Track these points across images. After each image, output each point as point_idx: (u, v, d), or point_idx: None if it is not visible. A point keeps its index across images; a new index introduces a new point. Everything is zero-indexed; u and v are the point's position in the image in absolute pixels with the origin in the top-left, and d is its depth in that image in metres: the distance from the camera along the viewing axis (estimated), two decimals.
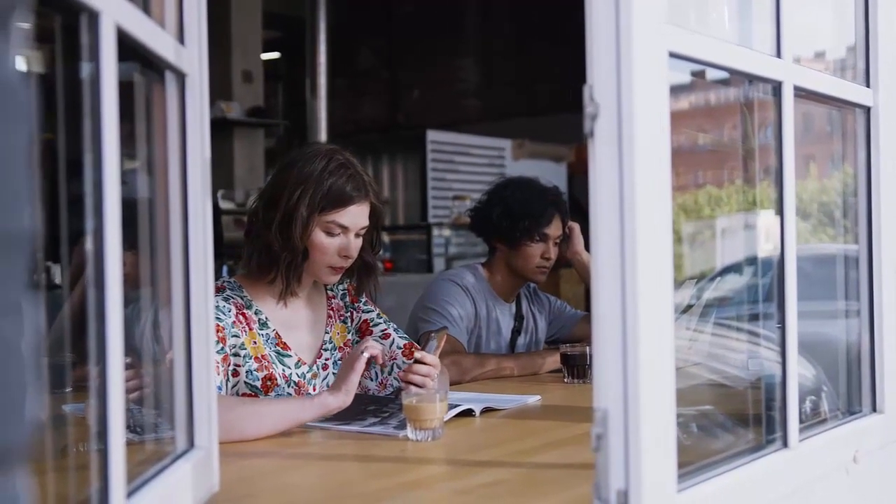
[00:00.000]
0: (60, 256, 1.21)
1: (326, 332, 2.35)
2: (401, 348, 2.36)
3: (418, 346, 2.36)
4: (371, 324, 2.41)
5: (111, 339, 1.00)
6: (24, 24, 0.59)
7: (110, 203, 1.00)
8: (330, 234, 2.20)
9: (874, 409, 1.81)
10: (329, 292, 2.41)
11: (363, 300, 2.44)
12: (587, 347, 2.68)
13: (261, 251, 2.21)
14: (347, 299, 2.42)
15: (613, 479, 1.17)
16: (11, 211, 0.55)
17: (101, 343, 1.00)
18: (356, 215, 2.22)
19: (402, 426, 1.92)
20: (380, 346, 2.04)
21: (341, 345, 2.37)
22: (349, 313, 2.42)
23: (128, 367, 1.39)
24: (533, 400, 2.37)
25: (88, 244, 1.00)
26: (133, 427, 1.38)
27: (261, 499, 1.54)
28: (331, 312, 2.38)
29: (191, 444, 1.37)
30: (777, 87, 1.51)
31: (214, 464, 1.42)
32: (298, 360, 2.25)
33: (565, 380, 2.68)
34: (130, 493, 1.09)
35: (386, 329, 2.41)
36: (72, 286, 1.80)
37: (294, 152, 2.28)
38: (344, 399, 1.95)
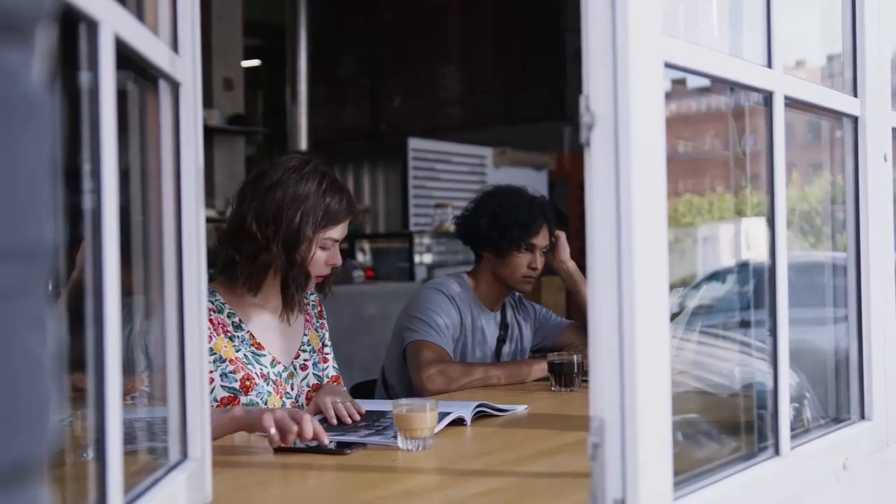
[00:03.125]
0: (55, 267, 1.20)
1: (305, 335, 2.43)
2: (328, 378, 2.45)
3: (340, 381, 2.51)
4: (324, 343, 2.52)
5: (109, 349, 1.00)
6: (47, 37, 0.59)
7: (108, 211, 1.00)
8: (323, 248, 2.30)
9: (862, 417, 1.82)
10: (303, 299, 2.48)
11: (324, 318, 2.54)
12: (574, 356, 2.68)
13: (262, 268, 2.26)
14: (316, 311, 2.52)
15: (610, 488, 1.17)
16: (36, 224, 0.55)
17: (98, 353, 0.99)
18: (345, 228, 2.34)
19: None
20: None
21: (317, 348, 2.46)
22: (319, 323, 2.51)
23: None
24: (521, 409, 2.37)
25: (87, 254, 0.99)
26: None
27: None
28: (307, 318, 2.46)
29: (184, 455, 1.36)
30: (768, 97, 1.52)
31: (208, 475, 1.41)
32: (273, 360, 2.31)
33: (552, 388, 2.68)
34: None
35: (328, 354, 2.52)
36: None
37: (275, 169, 2.29)
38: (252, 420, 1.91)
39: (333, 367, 2.52)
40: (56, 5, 0.63)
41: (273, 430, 1.82)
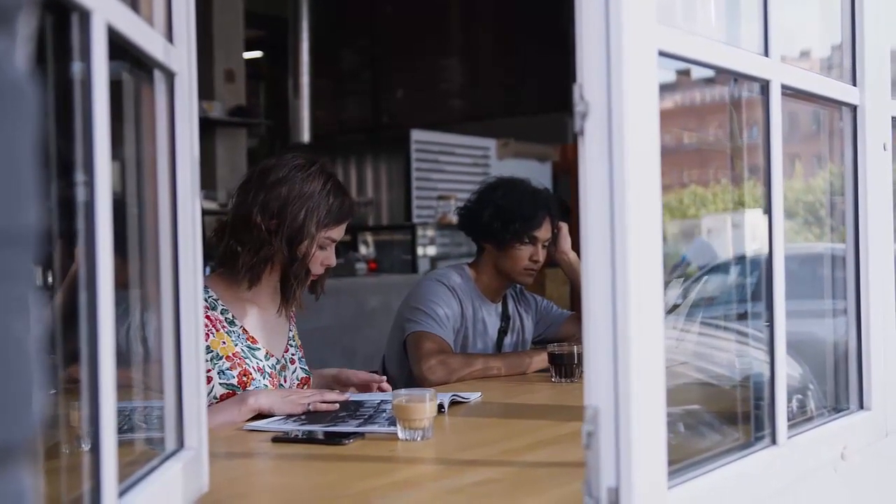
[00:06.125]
0: (49, 258, 1.20)
1: (290, 330, 2.48)
2: (298, 380, 2.46)
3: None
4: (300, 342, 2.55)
5: (102, 339, 1.00)
6: (29, 23, 0.59)
7: (101, 203, 1.00)
8: (321, 247, 2.33)
9: (861, 407, 1.82)
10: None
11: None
12: (574, 347, 2.68)
13: (263, 261, 2.28)
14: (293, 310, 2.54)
15: (604, 476, 1.17)
16: (19, 209, 0.56)
17: (92, 344, 1.00)
18: (343, 230, 2.37)
19: (393, 422, 1.91)
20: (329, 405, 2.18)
21: (300, 345, 2.51)
22: (296, 322, 2.55)
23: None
24: (475, 397, 2.37)
25: (80, 246, 0.99)
26: (121, 427, 1.37)
27: (250, 499, 1.54)
28: (292, 315, 2.50)
29: (180, 444, 1.36)
30: (765, 86, 1.52)
31: (204, 464, 1.41)
32: (267, 353, 2.34)
33: (553, 379, 2.68)
34: (121, 494, 1.09)
35: (299, 354, 2.52)
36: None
37: (281, 167, 2.32)
38: (272, 402, 2.12)
39: (302, 368, 2.52)
40: None
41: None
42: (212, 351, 2.22)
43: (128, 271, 1.35)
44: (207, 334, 2.22)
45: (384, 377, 2.49)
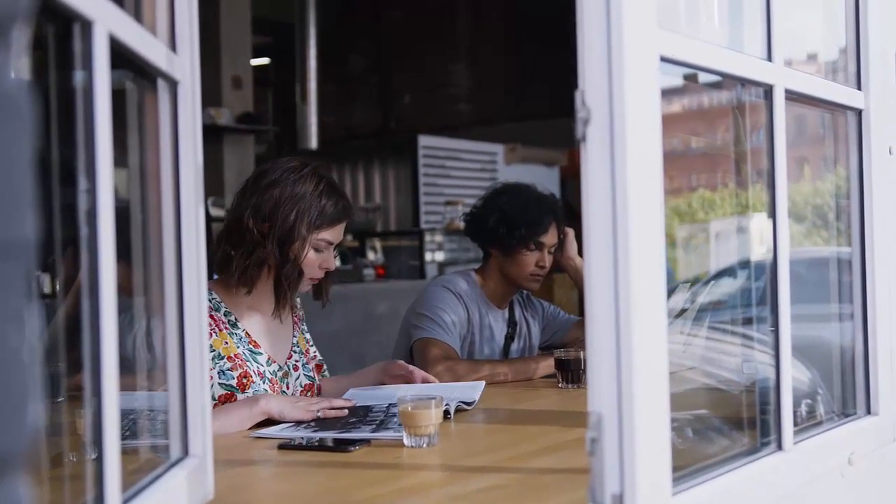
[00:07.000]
0: (52, 266, 1.21)
1: (294, 336, 2.47)
2: (302, 387, 2.46)
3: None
4: (309, 343, 2.55)
5: (106, 347, 1.00)
6: (25, 34, 0.59)
7: (104, 211, 1.00)
8: (317, 250, 2.33)
9: (868, 412, 1.82)
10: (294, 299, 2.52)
11: (304, 322, 2.58)
12: (581, 352, 2.67)
13: (256, 264, 2.29)
14: (302, 315, 2.56)
15: (608, 482, 1.17)
16: (14, 219, 0.56)
17: (95, 352, 1.00)
18: (341, 232, 2.37)
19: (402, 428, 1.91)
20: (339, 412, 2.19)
21: (305, 350, 2.50)
22: (304, 326, 2.56)
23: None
24: (480, 388, 2.41)
25: (83, 254, 0.99)
26: (125, 434, 1.37)
27: None
28: (296, 320, 2.51)
29: (185, 452, 1.36)
30: (769, 91, 1.51)
31: (209, 472, 1.41)
32: (269, 358, 2.35)
33: (559, 385, 2.68)
34: (125, 502, 1.09)
35: (313, 348, 2.56)
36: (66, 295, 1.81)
37: (275, 170, 2.34)
38: (283, 407, 2.12)
39: (308, 373, 2.52)
40: (34, 4, 0.63)
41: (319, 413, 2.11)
42: (213, 350, 2.23)
43: (133, 280, 1.36)
44: (210, 333, 2.22)
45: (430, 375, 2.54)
